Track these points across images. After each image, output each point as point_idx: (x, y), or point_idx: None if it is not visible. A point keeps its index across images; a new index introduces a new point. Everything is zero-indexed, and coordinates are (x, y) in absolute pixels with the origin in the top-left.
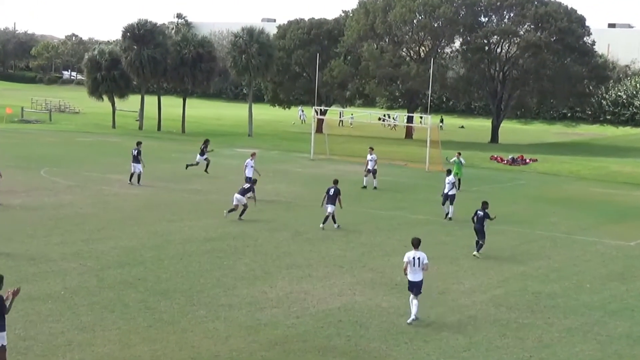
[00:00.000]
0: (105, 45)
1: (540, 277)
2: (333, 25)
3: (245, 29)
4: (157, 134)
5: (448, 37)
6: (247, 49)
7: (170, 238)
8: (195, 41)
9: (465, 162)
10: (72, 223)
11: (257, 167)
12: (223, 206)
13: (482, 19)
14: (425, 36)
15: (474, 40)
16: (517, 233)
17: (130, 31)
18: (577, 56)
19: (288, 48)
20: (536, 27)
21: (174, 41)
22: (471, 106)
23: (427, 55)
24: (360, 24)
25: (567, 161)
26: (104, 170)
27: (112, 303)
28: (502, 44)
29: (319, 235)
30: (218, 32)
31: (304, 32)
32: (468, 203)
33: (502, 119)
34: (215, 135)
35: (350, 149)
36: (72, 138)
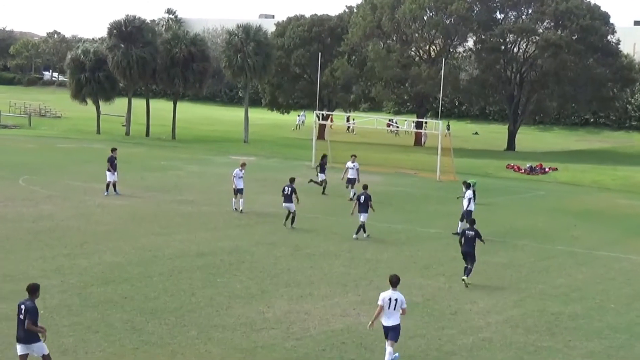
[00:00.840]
0: (89, 43)
1: (561, 297)
2: (336, 22)
3: (241, 26)
4: (145, 140)
5: (461, 36)
6: (243, 47)
7: (159, 253)
8: (187, 39)
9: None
10: (53, 236)
11: (255, 176)
12: (216, 218)
13: (497, 15)
14: (436, 34)
15: (489, 39)
16: (536, 248)
17: (116, 28)
18: (600, 56)
19: (287, 47)
20: (556, 24)
21: (164, 39)
22: (486, 111)
23: (438, 56)
24: (366, 20)
25: (589, 170)
26: (87, 179)
27: (95, 323)
28: (520, 43)
29: (320, 250)
30: (212, 30)
31: (304, 29)
32: (481, 216)
33: (519, 124)
34: (208, 141)
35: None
36: (53, 144)
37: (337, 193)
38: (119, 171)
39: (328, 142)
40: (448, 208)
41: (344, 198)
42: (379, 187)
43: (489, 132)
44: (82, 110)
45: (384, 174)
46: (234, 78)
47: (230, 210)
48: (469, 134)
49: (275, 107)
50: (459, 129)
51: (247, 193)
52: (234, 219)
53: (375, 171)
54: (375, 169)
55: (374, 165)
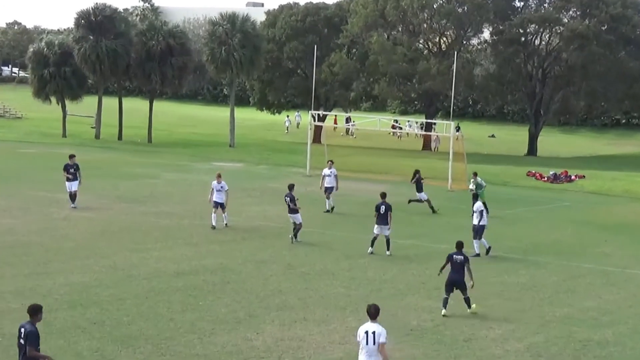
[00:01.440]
0: (54, 35)
1: (589, 321)
2: (334, 11)
3: (225, 15)
4: (118, 145)
5: (475, 26)
6: (229, 40)
7: (133, 272)
8: (164, 30)
9: (486, 184)
10: (13, 254)
11: (242, 185)
12: (198, 232)
13: (517, 3)
14: (448, 25)
15: (508, 30)
16: (561, 266)
17: (85, 18)
18: (633, 49)
19: (279, 39)
20: (583, 13)
21: (138, 30)
22: (504, 110)
23: (450, 48)
24: (367, 9)
25: (621, 178)
26: (51, 188)
27: (61, 352)
28: (542, 34)
29: (316, 269)
30: (193, 20)
31: (298, 19)
32: (498, 230)
33: (541, 126)
34: (189, 146)
35: (356, 163)
36: (12, 149)
37: (336, 203)
38: (96, 182)
39: (325, 146)
40: (460, 221)
41: (342, 209)
42: None
43: (508, 134)
44: (45, 110)
45: (388, 182)
46: (218, 74)
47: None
48: (484, 137)
49: (265, 106)
50: (473, 131)
51: (233, 204)
52: (218, 234)
53: (378, 179)
54: (378, 177)
55: (377, 173)
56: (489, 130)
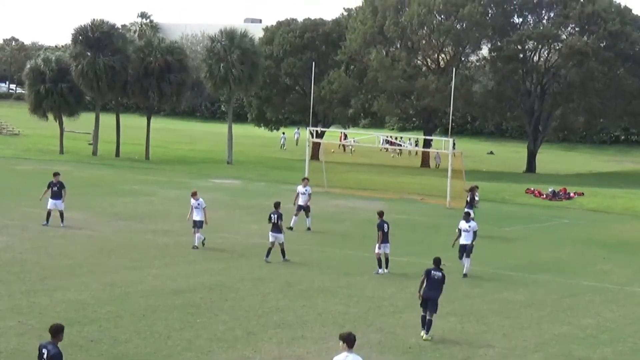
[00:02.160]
0: (51, 51)
1: (588, 339)
2: (332, 28)
3: (224, 31)
4: (115, 161)
5: (474, 43)
6: (227, 56)
7: (130, 290)
8: (162, 47)
9: (480, 200)
10: (9, 271)
11: (240, 203)
12: (195, 250)
13: (515, 19)
14: (447, 41)
15: (506, 46)
16: (560, 284)
17: (82, 34)
18: (632, 66)
19: (276, 55)
20: (582, 30)
21: (136, 47)
22: (502, 127)
23: (448, 65)
24: (366, 25)
25: (620, 195)
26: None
27: None
28: (541, 50)
29: (314, 286)
30: (191, 36)
31: (296, 35)
32: (497, 247)
33: (540, 143)
34: (187, 162)
35: (354, 180)
36: (9, 165)
37: (334, 220)
38: (93, 199)
39: (322, 163)
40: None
41: (340, 226)
42: None
43: (506, 151)
44: (43, 126)
45: (386, 200)
46: (216, 90)
47: (210, 241)
48: (483, 154)
49: (262, 123)
50: (471, 148)
51: (231, 221)
52: (216, 252)
53: (376, 197)
54: (376, 194)
55: (375, 190)
56: (487, 147)
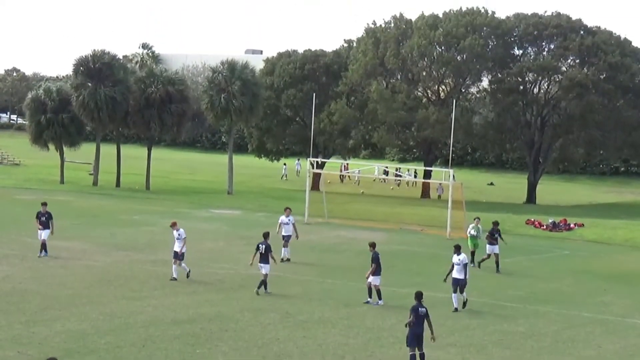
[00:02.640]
0: (52, 82)
1: None
2: (333, 59)
3: (225, 62)
4: (116, 192)
5: (474, 74)
6: (228, 87)
7: (130, 320)
8: (163, 77)
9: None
10: (9, 301)
11: (240, 233)
12: (195, 280)
13: (515, 51)
14: (447, 73)
15: (506, 78)
16: (560, 315)
17: (83, 65)
18: (632, 98)
19: (277, 86)
20: (582, 62)
21: (137, 77)
22: (502, 159)
23: (449, 97)
24: (367, 57)
25: (620, 227)
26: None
27: None
28: (541, 82)
29: (314, 317)
30: (192, 67)
31: (296, 66)
32: (497, 279)
33: (540, 174)
34: (187, 193)
35: (354, 211)
36: (9, 195)
37: (334, 251)
38: (93, 229)
39: (323, 194)
40: None
41: (341, 257)
42: (381, 246)
43: (506, 182)
44: (44, 156)
45: (387, 231)
46: (217, 121)
47: (210, 271)
48: (483, 185)
49: (263, 153)
50: (472, 179)
51: (231, 252)
52: (216, 282)
53: (377, 227)
54: (377, 225)
55: (375, 221)
56: (488, 178)
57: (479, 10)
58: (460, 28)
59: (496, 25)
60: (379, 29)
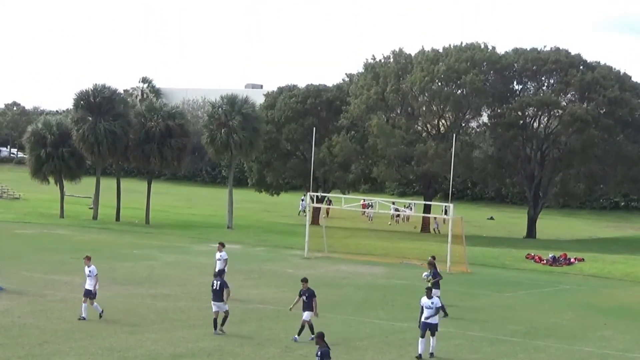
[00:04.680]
0: (52, 116)
1: None
2: (334, 94)
3: (225, 97)
4: (115, 226)
5: (474, 109)
6: (228, 121)
7: (129, 354)
8: (164, 112)
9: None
10: (8, 335)
11: (240, 267)
12: (195, 314)
13: (515, 86)
14: (447, 108)
15: (506, 113)
16: (561, 350)
17: (84, 99)
18: (632, 132)
19: (278, 120)
20: (582, 97)
21: (137, 111)
22: (502, 193)
23: (449, 131)
24: (369, 91)
25: (621, 261)
26: (48, 270)
27: None
28: (541, 117)
29: (314, 351)
30: (192, 101)
31: (297, 101)
32: (498, 314)
33: (540, 209)
34: (187, 227)
35: (354, 245)
36: (9, 230)
37: (334, 285)
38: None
39: (323, 228)
40: (460, 304)
41: (340, 291)
42: (381, 280)
43: (506, 217)
44: (44, 190)
45: (387, 265)
46: (218, 155)
47: (209, 305)
48: (483, 219)
49: (263, 187)
50: (472, 213)
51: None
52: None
53: (377, 261)
54: (377, 259)
55: (376, 255)
56: (487, 212)
57: (479, 45)
58: (461, 63)
59: (496, 60)
60: (378, 63)
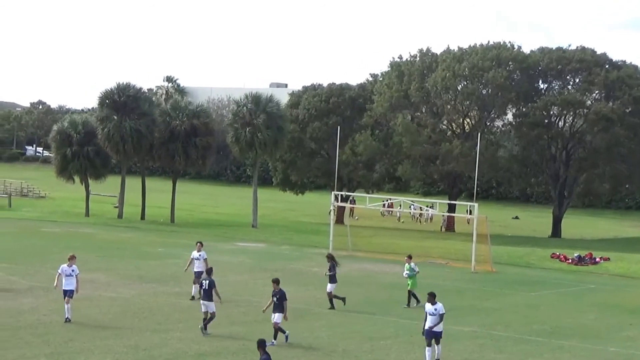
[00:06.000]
0: (78, 114)
1: None
2: (358, 92)
3: (250, 95)
4: (141, 224)
5: (499, 108)
6: (253, 120)
7: (154, 353)
8: (188, 110)
9: (419, 271)
10: (34, 333)
11: (265, 265)
12: (219, 313)
13: (540, 85)
14: (472, 106)
15: (531, 112)
16: (585, 350)
17: (109, 98)
18: None
19: (302, 119)
20: (607, 95)
21: (162, 110)
22: (527, 192)
23: (473, 130)
24: (392, 89)
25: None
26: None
27: None
28: (565, 116)
29: (338, 350)
30: (217, 100)
31: (321, 99)
32: (522, 312)
33: (565, 208)
34: (212, 226)
35: (378, 244)
36: (35, 228)
37: (358, 284)
38: (118, 262)
39: (347, 227)
40: (485, 303)
41: (364, 290)
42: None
43: (531, 216)
44: (69, 189)
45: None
46: (242, 154)
47: (234, 304)
48: (508, 219)
49: (287, 187)
50: (496, 212)
51: (255, 285)
52: (240, 315)
53: (402, 260)
54: (401, 258)
55: (400, 254)
56: (512, 212)
57: (505, 44)
58: (485, 61)
59: (521, 59)
60: (404, 62)
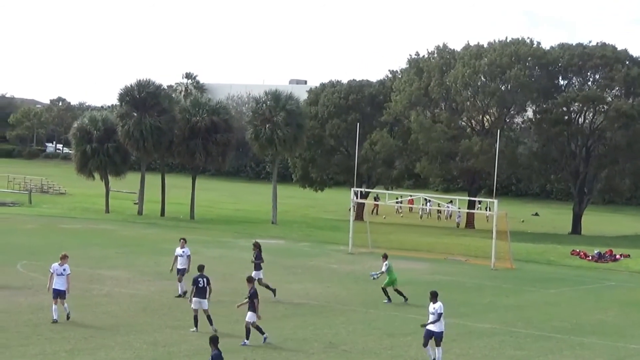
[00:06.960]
0: (97, 111)
1: None
2: (377, 89)
3: (269, 92)
4: (161, 221)
5: (519, 105)
6: (272, 117)
7: (174, 349)
8: (208, 107)
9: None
10: (54, 330)
11: (284, 262)
12: (238, 309)
13: (560, 82)
14: (491, 103)
15: (551, 109)
16: (606, 347)
17: (129, 94)
18: None
19: (321, 116)
20: (627, 92)
21: (182, 107)
22: (547, 189)
23: (493, 127)
24: (412, 87)
25: None
26: (93, 264)
27: None
28: (586, 112)
29: (357, 347)
30: (236, 96)
31: (340, 96)
32: (542, 309)
33: (585, 205)
34: (231, 222)
35: (398, 241)
36: (55, 224)
37: (378, 281)
38: (138, 258)
39: (367, 224)
40: (504, 300)
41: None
42: (424, 276)
43: (551, 213)
44: (89, 186)
45: (431, 261)
46: (262, 151)
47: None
48: (528, 215)
49: (307, 183)
50: (516, 209)
51: (274, 281)
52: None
53: (421, 257)
54: (421, 255)
55: (420, 251)
56: (532, 208)
57: (524, 40)
58: (504, 58)
59: (541, 55)
60: (422, 59)
